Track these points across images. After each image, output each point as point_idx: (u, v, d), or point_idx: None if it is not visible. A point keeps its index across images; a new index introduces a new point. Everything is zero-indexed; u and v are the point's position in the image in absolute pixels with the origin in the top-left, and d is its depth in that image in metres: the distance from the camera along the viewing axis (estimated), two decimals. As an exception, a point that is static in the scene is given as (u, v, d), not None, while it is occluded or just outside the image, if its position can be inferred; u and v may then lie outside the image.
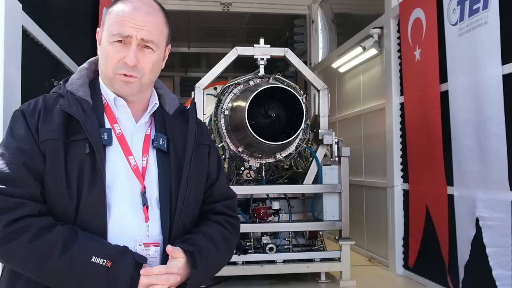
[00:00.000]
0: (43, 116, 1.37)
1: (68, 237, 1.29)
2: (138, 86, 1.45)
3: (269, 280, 4.27)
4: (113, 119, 1.46)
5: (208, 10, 7.37)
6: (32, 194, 1.31)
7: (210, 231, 1.52)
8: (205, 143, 1.60)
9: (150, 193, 1.44)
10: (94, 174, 1.34)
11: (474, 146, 3.31)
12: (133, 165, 1.42)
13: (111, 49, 1.41)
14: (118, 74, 1.42)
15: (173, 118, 1.55)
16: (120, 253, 1.31)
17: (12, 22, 2.17)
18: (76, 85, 1.45)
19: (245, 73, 4.46)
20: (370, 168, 5.49)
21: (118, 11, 1.42)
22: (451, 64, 3.58)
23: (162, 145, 1.48)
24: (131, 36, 1.39)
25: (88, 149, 1.33)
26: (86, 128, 1.34)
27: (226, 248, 1.57)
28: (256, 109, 3.89)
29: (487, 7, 3.15)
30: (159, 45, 1.45)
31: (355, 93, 6.03)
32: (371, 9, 5.63)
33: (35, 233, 1.27)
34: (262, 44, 4.27)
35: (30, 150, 1.33)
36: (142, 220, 1.41)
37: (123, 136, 1.44)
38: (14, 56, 2.19)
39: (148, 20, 1.41)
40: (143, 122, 1.51)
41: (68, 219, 1.34)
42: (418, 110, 4.12)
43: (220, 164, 1.68)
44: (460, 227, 3.51)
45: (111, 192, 1.37)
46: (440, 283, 3.88)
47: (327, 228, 4.39)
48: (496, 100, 3.08)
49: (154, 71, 1.48)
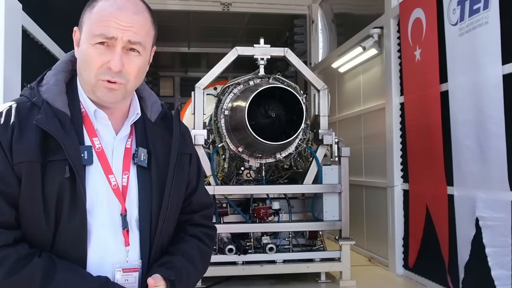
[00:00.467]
0: (17, 132, 1.23)
1: (47, 271, 1.19)
2: (123, 93, 1.32)
3: (269, 280, 4.27)
4: (92, 131, 1.33)
5: (208, 10, 7.37)
6: (5, 222, 1.21)
7: (189, 250, 1.45)
8: (187, 152, 1.49)
9: (130, 214, 1.34)
10: (75, 198, 1.23)
11: (474, 146, 3.31)
12: (113, 185, 1.31)
13: (93, 52, 1.26)
14: (101, 80, 1.27)
15: (155, 125, 1.44)
16: (102, 286, 1.24)
17: (12, 22, 2.17)
18: (53, 93, 1.31)
19: (245, 73, 4.46)
20: (370, 168, 5.49)
21: (100, 10, 1.27)
22: (451, 64, 3.58)
23: (143, 161, 1.36)
24: (116, 38, 1.25)
25: (68, 173, 1.22)
26: (65, 148, 1.22)
27: (204, 264, 1.52)
28: (256, 109, 3.89)
29: (487, 7, 3.15)
30: (146, 47, 1.32)
31: (355, 93, 6.03)
32: (371, 9, 5.63)
33: (11, 267, 1.17)
34: (262, 44, 4.27)
35: (2, 173, 1.21)
36: (122, 245, 1.32)
37: (103, 151, 1.33)
38: (14, 56, 2.20)
39: (135, 20, 1.28)
40: (124, 134, 1.38)
41: (43, 246, 1.25)
42: (418, 110, 4.12)
43: (200, 172, 1.59)
44: (460, 227, 3.50)
45: (91, 217, 1.28)
46: (440, 283, 3.88)
47: (327, 228, 4.39)
48: (496, 100, 3.08)
49: (139, 77, 1.35)
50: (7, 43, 2.09)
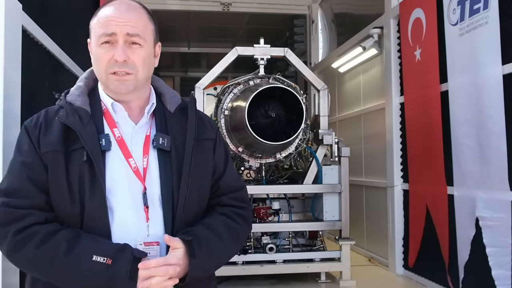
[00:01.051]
0: (43, 129, 1.44)
1: (71, 239, 1.35)
2: (134, 83, 1.46)
3: (269, 280, 4.27)
4: (113, 123, 1.49)
5: (208, 10, 7.36)
6: (37, 204, 1.39)
7: (212, 222, 1.53)
8: (209, 138, 1.60)
9: (152, 193, 1.46)
10: (94, 180, 1.38)
11: (474, 146, 3.31)
12: (133, 167, 1.45)
13: (101, 51, 1.44)
14: (110, 73, 1.43)
15: (174, 115, 1.56)
16: (120, 250, 1.36)
17: (12, 22, 2.17)
18: (75, 95, 1.50)
19: (245, 73, 4.46)
20: (370, 168, 5.49)
21: (101, 16, 1.46)
22: (451, 64, 3.58)
23: (162, 144, 1.49)
24: (116, 34, 1.42)
25: (85, 156, 1.38)
26: (81, 137, 1.39)
27: (232, 238, 1.55)
28: (256, 109, 3.89)
29: (487, 7, 3.15)
30: (145, 39, 1.46)
31: (355, 93, 6.03)
32: (371, 9, 5.63)
33: (41, 238, 1.34)
34: (262, 44, 4.27)
35: (33, 163, 1.40)
36: (144, 221, 1.44)
37: (123, 139, 1.47)
38: (14, 56, 2.19)
39: (130, 15, 1.44)
40: (143, 123, 1.52)
41: (74, 225, 1.41)
42: (418, 110, 4.12)
43: (227, 157, 1.67)
44: (460, 227, 3.51)
45: (113, 196, 1.42)
46: (440, 283, 3.88)
47: (327, 228, 4.39)
48: (496, 100, 3.08)
49: (146, 66, 1.48)
50: (7, 43, 2.09)
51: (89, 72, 1.58)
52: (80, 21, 3.78)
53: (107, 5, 1.48)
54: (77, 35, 3.67)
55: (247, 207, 1.66)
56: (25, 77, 2.29)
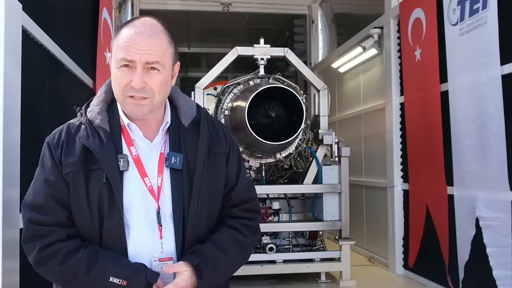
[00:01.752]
0: (65, 148, 1.52)
1: (90, 259, 1.45)
2: (150, 108, 1.51)
3: (269, 280, 4.27)
4: (130, 141, 1.56)
5: (208, 10, 7.37)
6: (60, 222, 1.48)
7: (220, 238, 1.58)
8: (222, 152, 1.63)
9: (165, 210, 1.53)
10: (112, 200, 1.47)
11: (474, 146, 3.31)
12: (148, 186, 1.52)
13: (119, 74, 1.48)
14: (127, 96, 1.48)
15: (188, 130, 1.59)
16: (135, 272, 1.45)
17: (12, 22, 2.17)
18: (95, 112, 1.55)
19: (245, 73, 4.47)
20: (370, 168, 5.49)
21: (122, 37, 1.48)
22: (451, 64, 3.58)
23: (174, 163, 1.54)
24: (135, 61, 1.45)
25: (104, 179, 1.47)
26: (101, 160, 1.47)
27: (238, 251, 1.62)
28: (256, 109, 3.89)
29: (486, 7, 3.15)
30: (164, 64, 1.49)
31: (355, 93, 6.03)
32: (371, 9, 5.63)
33: (63, 257, 1.45)
34: (262, 44, 4.27)
35: (55, 182, 1.49)
36: (158, 238, 1.52)
37: (139, 158, 1.54)
38: (14, 56, 2.19)
39: (150, 43, 1.46)
40: (157, 141, 1.57)
41: (93, 240, 1.50)
42: (418, 110, 4.12)
43: (240, 169, 1.70)
44: (460, 227, 3.51)
45: (129, 214, 1.50)
46: (440, 283, 3.88)
47: (327, 228, 4.39)
48: (495, 100, 3.08)
49: (163, 91, 1.52)
50: (7, 43, 2.09)
51: (108, 85, 1.61)
52: (81, 21, 3.78)
53: (130, 25, 1.50)
54: (77, 35, 3.67)
55: (256, 218, 1.71)
56: (25, 77, 2.29)
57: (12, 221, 2.11)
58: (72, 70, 3.27)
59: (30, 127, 2.36)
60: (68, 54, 3.16)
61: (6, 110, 2.08)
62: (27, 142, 2.27)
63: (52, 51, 2.81)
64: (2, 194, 2.02)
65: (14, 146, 2.16)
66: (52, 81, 2.84)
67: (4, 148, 2.05)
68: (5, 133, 2.06)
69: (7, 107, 2.09)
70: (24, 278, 2.19)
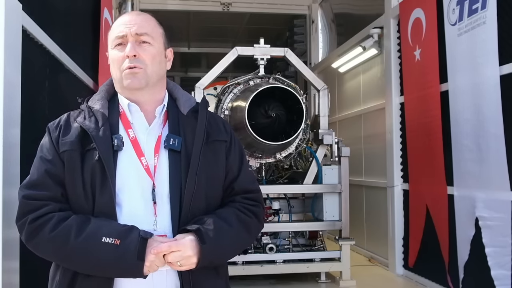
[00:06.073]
0: (63, 130, 1.58)
1: (82, 222, 1.45)
2: (145, 77, 1.56)
3: (269, 280, 4.27)
4: (128, 124, 1.60)
5: (208, 10, 7.37)
6: (53, 196, 1.50)
7: (223, 212, 1.58)
8: (222, 139, 1.66)
9: (161, 189, 1.54)
10: (104, 178, 1.49)
11: (474, 146, 3.31)
12: (144, 165, 1.55)
13: (115, 53, 1.58)
14: (124, 70, 1.55)
15: (187, 117, 1.64)
16: (128, 231, 1.45)
17: (12, 22, 2.17)
18: (95, 99, 1.64)
19: (245, 73, 4.47)
20: (370, 168, 5.49)
21: (114, 25, 1.62)
22: (451, 64, 3.58)
23: (172, 144, 1.57)
24: (126, 35, 1.56)
25: (96, 156, 1.50)
26: (94, 139, 1.51)
27: (243, 228, 1.59)
28: (256, 109, 3.89)
29: (485, 7, 3.15)
30: (154, 37, 1.59)
31: (355, 93, 6.03)
32: (371, 9, 5.63)
33: (55, 223, 1.45)
34: (262, 44, 4.27)
35: (52, 159, 1.53)
36: (151, 215, 1.52)
37: (137, 139, 1.58)
38: (14, 56, 2.19)
39: (138, 19, 1.60)
40: (156, 124, 1.62)
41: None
42: (418, 110, 4.12)
43: (243, 161, 1.71)
44: (460, 227, 3.51)
45: (123, 192, 1.52)
46: (440, 283, 3.88)
47: (327, 228, 4.39)
48: (494, 101, 3.09)
49: (156, 64, 1.60)
50: (7, 43, 2.09)
51: (110, 81, 1.70)
52: (81, 21, 3.78)
53: (120, 17, 1.65)
54: (77, 35, 3.67)
55: (260, 206, 1.70)
56: (25, 77, 2.29)
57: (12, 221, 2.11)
58: (72, 70, 3.27)
59: (30, 127, 2.36)
60: (68, 54, 3.16)
61: (6, 110, 2.08)
62: (27, 142, 2.27)
63: (52, 51, 2.81)
64: (2, 194, 2.03)
65: (14, 146, 2.16)
66: (52, 81, 2.85)
67: (4, 148, 2.05)
68: (5, 133, 2.07)
69: (7, 107, 2.09)
70: (24, 278, 2.19)
